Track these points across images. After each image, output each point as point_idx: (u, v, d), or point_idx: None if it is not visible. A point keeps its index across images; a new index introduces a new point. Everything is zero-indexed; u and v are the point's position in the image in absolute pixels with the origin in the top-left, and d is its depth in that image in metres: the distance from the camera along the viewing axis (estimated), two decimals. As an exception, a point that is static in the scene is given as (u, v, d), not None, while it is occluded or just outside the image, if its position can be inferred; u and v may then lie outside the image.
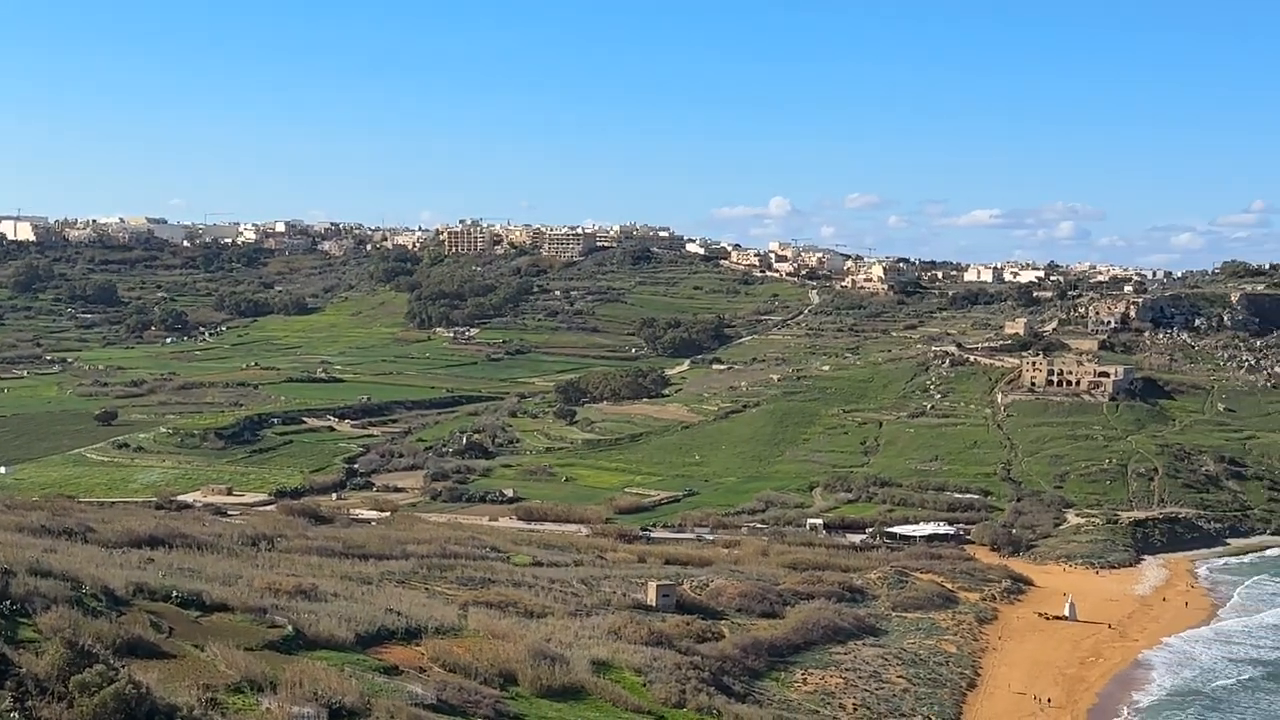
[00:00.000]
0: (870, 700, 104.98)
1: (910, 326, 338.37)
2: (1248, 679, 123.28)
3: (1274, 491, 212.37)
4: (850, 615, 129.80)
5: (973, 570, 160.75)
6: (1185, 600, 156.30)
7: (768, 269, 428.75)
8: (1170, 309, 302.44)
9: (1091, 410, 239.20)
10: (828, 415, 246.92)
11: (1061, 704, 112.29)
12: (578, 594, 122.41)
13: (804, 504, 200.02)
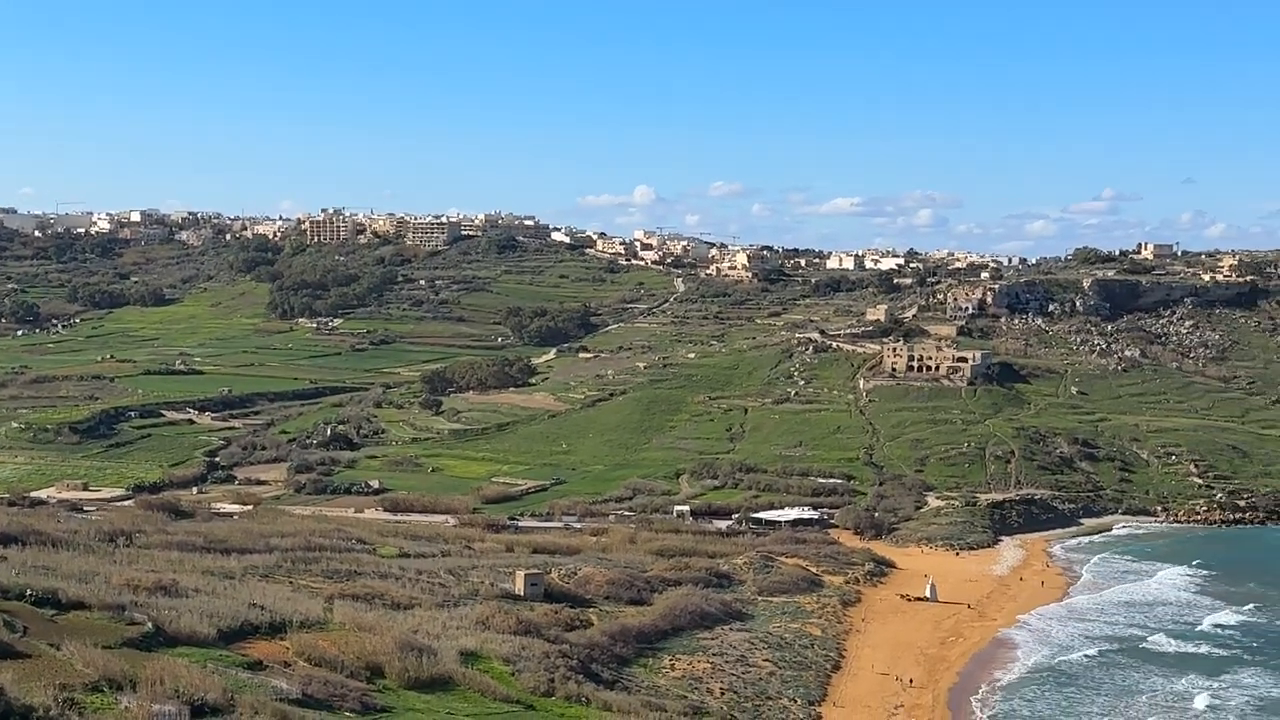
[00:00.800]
0: (737, 684, 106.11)
1: (774, 314, 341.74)
2: (1102, 654, 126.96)
3: (1125, 472, 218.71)
4: (717, 600, 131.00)
5: (837, 554, 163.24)
6: (1041, 579, 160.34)
7: (633, 257, 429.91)
8: (1025, 295, 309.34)
9: (950, 395, 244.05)
10: (694, 402, 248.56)
11: (923, 684, 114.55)
12: (445, 585, 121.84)
13: (671, 491, 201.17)
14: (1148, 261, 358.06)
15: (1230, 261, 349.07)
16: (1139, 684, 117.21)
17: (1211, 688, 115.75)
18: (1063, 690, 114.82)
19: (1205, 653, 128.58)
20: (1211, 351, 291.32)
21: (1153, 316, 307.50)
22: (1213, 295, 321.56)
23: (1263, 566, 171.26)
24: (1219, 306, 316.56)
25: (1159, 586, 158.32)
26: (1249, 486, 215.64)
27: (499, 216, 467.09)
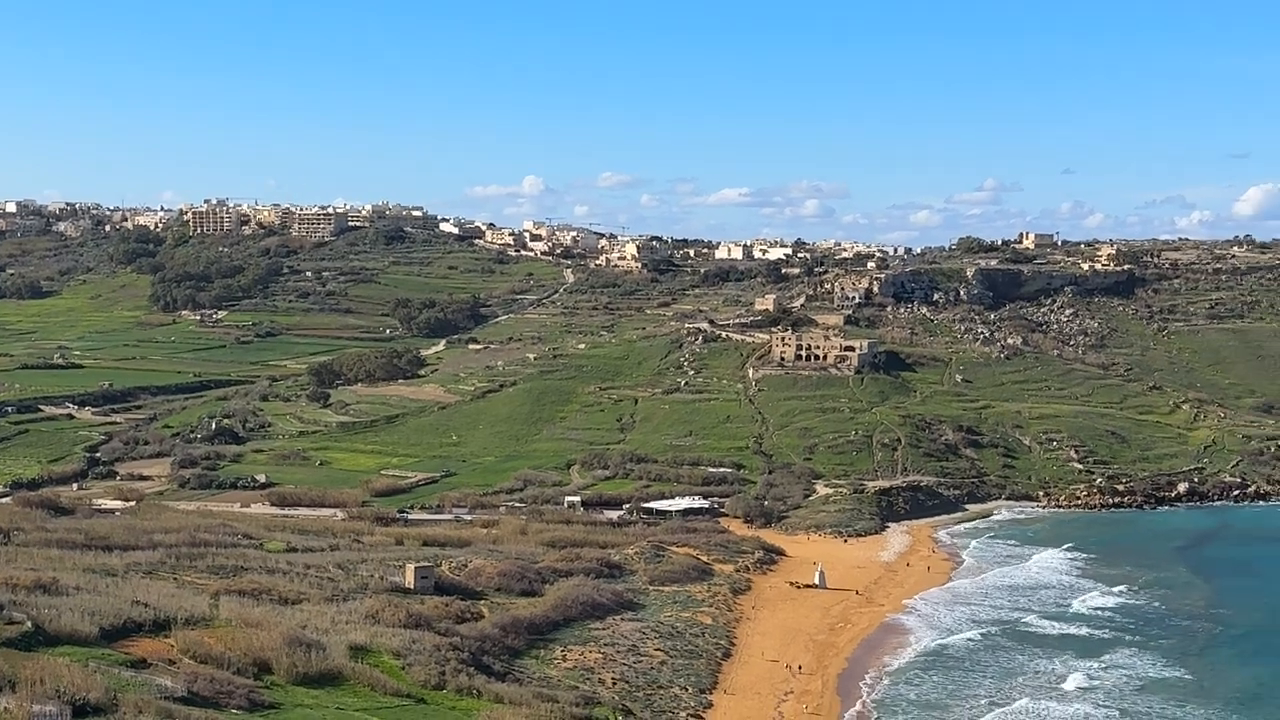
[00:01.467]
0: (629, 674, 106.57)
1: (664, 304, 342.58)
2: (987, 637, 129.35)
3: (1008, 458, 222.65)
4: (609, 591, 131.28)
5: (727, 542, 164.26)
6: (928, 565, 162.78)
7: (523, 248, 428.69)
8: (911, 284, 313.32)
9: (838, 383, 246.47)
10: (584, 393, 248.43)
11: (813, 670, 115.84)
12: (334, 579, 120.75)
13: (562, 482, 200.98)
14: (1029, 251, 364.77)
15: (1108, 251, 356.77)
16: (1022, 666, 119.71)
17: (1091, 669, 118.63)
18: (949, 674, 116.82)
19: (1086, 634, 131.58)
20: (1091, 339, 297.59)
21: (1034, 305, 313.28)
22: (1092, 284, 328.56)
23: (1140, 550, 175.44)
24: (1098, 295, 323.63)
25: (1041, 570, 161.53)
26: (1127, 471, 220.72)
27: (386, 207, 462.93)
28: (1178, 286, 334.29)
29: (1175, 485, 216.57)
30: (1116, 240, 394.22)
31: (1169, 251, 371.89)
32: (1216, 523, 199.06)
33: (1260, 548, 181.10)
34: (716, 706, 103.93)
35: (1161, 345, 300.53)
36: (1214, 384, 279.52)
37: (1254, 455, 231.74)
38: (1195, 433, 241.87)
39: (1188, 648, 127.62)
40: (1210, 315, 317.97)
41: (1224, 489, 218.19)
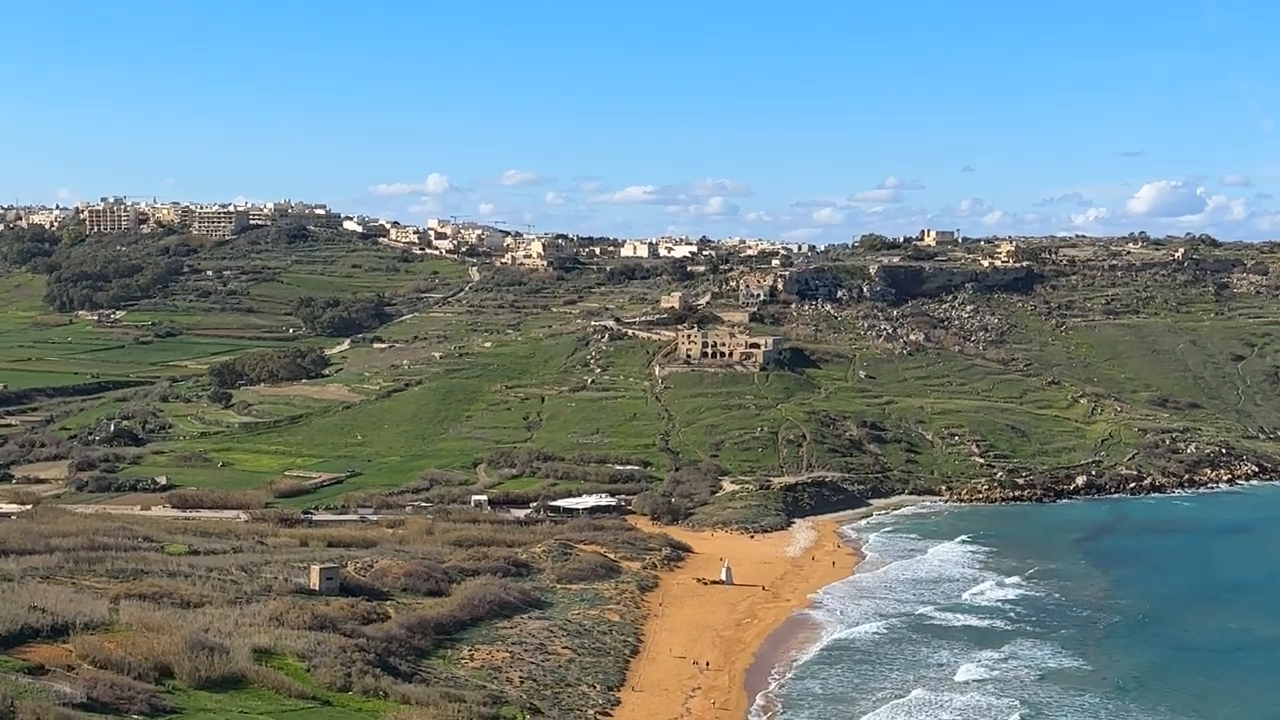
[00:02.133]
0: (537, 672, 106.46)
1: (570, 302, 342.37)
2: (891, 630, 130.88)
3: (911, 453, 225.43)
4: (516, 589, 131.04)
5: (634, 540, 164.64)
6: (833, 560, 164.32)
7: (427, 246, 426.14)
8: (815, 281, 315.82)
9: (744, 380, 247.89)
10: (490, 392, 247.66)
11: (720, 666, 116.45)
12: (237, 581, 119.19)
13: (468, 481, 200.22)
14: (930, 248, 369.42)
15: (1008, 248, 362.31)
16: (925, 658, 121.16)
17: (991, 659, 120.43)
18: (854, 666, 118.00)
19: (987, 626, 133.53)
20: (991, 335, 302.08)
21: (936, 301, 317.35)
22: (992, 280, 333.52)
23: (1040, 542, 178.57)
24: (998, 291, 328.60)
25: (943, 563, 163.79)
26: (1027, 465, 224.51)
27: (289, 205, 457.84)
28: (1075, 283, 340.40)
29: (1074, 478, 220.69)
30: (1016, 237, 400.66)
31: (1066, 248, 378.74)
32: (1113, 515, 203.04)
33: (1155, 539, 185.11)
34: (625, 704, 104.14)
35: (1060, 341, 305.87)
36: (1110, 378, 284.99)
37: (1149, 448, 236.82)
38: (1093, 427, 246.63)
39: (1086, 637, 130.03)
40: (1106, 311, 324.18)
41: (1120, 481, 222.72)
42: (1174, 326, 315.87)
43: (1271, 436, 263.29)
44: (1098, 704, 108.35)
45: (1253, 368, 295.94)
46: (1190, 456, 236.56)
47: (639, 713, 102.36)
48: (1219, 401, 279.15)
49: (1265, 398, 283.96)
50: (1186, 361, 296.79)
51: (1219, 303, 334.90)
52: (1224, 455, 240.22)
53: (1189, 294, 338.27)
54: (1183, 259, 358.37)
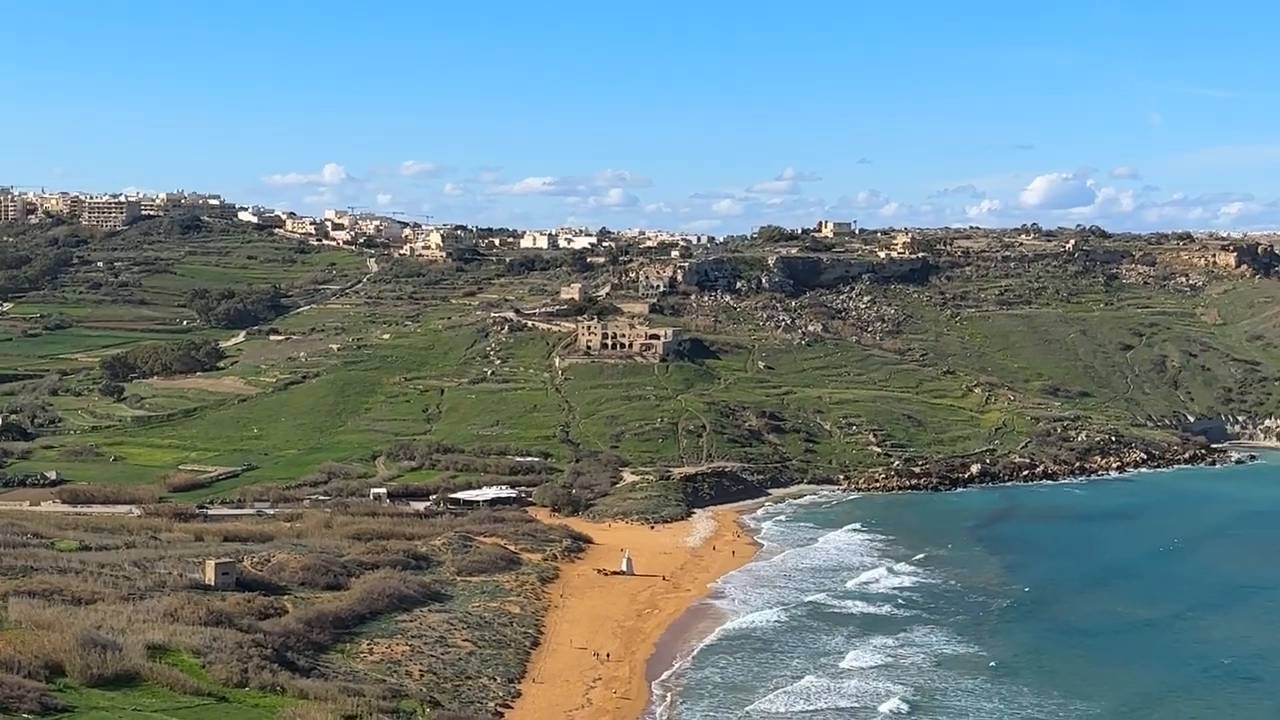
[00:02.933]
0: (437, 665, 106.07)
1: (469, 293, 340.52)
2: (790, 618, 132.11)
3: (810, 443, 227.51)
4: (416, 582, 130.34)
5: (535, 531, 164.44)
6: (732, 549, 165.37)
7: (324, 237, 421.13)
8: (714, 272, 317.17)
9: (644, 371, 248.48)
10: (389, 384, 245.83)
11: (621, 656, 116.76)
12: (130, 577, 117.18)
13: (367, 474, 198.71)
14: (828, 239, 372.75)
15: (904, 239, 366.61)
16: (824, 645, 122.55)
17: (888, 645, 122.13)
18: (753, 655, 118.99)
19: (885, 613, 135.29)
20: (888, 325, 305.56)
21: (833, 292, 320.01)
22: (888, 271, 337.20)
23: (936, 530, 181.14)
24: (894, 282, 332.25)
25: (841, 551, 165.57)
26: (923, 454, 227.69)
27: (182, 196, 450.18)
28: (969, 274, 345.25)
29: (968, 467, 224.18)
30: (911, 229, 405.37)
31: (961, 240, 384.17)
32: (1007, 502, 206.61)
33: (1047, 525, 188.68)
34: (525, 695, 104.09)
35: (954, 331, 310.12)
36: (1004, 368, 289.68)
37: (1041, 436, 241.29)
38: (987, 415, 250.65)
39: (980, 623, 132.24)
40: (1000, 301, 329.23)
41: (1014, 469, 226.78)
42: (1065, 317, 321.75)
43: (1159, 424, 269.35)
44: (990, 688, 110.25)
45: (1141, 357, 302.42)
46: (1081, 444, 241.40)
47: (540, 704, 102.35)
48: (1108, 390, 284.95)
49: (1153, 386, 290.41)
50: (1077, 351, 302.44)
51: (1108, 293, 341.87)
52: (1113, 443, 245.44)
53: (1079, 285, 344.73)
54: (1073, 250, 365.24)
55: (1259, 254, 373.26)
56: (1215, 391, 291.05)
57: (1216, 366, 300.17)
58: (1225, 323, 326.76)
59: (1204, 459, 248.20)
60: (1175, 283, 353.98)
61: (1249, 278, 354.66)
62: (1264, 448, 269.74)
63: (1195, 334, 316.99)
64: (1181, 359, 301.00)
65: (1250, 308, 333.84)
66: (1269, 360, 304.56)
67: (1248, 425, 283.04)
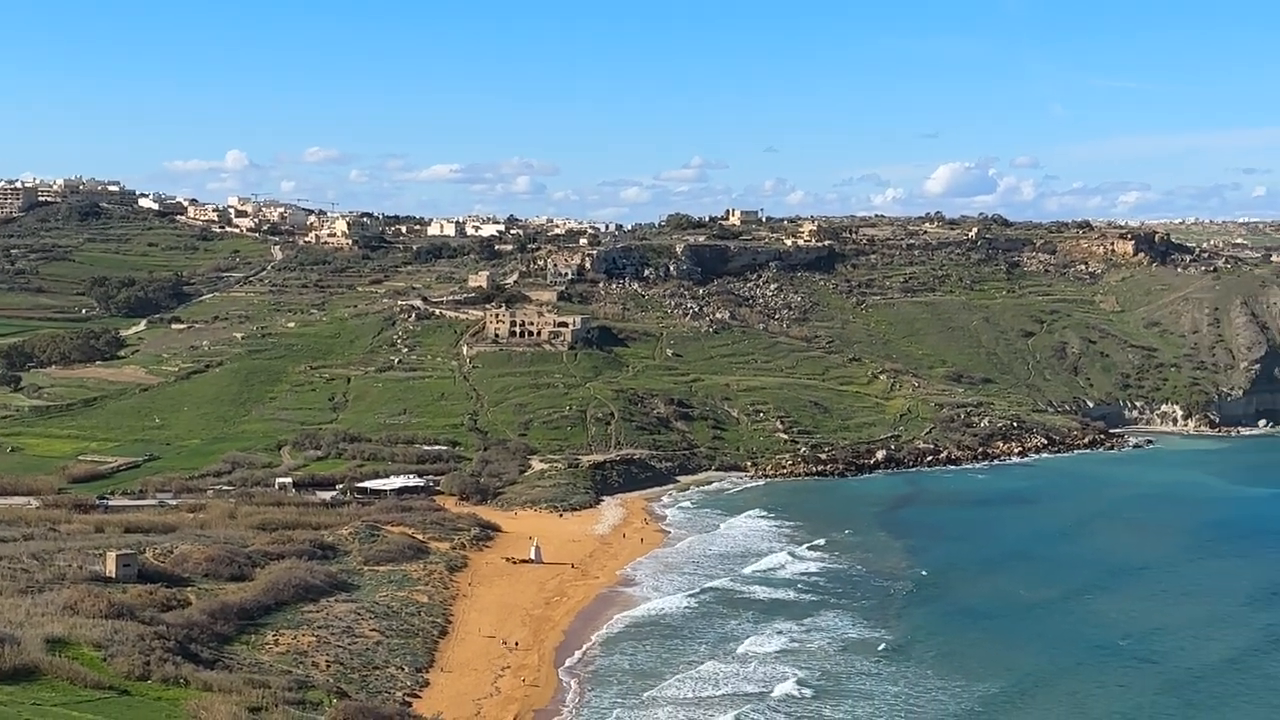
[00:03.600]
0: (344, 655, 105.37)
1: (376, 281, 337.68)
2: (698, 604, 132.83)
3: (718, 430, 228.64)
4: (322, 572, 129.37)
5: (443, 520, 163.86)
6: (641, 536, 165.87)
7: (228, 224, 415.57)
8: (622, 260, 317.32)
9: (552, 359, 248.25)
10: (295, 372, 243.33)
11: (529, 644, 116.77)
12: (28, 570, 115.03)
13: (272, 463, 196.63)
14: (735, 227, 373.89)
15: (810, 227, 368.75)
16: (732, 630, 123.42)
17: (794, 631, 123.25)
18: (662, 641, 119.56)
19: (792, 598, 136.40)
20: (794, 313, 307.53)
21: (741, 280, 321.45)
22: (795, 259, 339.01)
23: (842, 515, 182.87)
24: (801, 270, 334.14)
25: (749, 537, 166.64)
26: (829, 440, 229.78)
27: (80, 182, 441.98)
28: (875, 262, 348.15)
29: (874, 453, 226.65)
30: (818, 217, 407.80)
31: (866, 228, 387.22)
32: (911, 488, 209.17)
33: (951, 510, 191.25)
34: (434, 685, 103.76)
35: (860, 318, 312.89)
36: (908, 355, 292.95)
37: (945, 422, 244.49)
38: (892, 402, 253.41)
39: (886, 608, 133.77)
40: (905, 289, 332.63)
41: (918, 455, 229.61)
42: (968, 304, 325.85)
43: (1059, 410, 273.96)
44: (894, 671, 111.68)
45: (1042, 344, 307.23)
46: (984, 430, 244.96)
47: (448, 693, 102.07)
48: (1010, 376, 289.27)
49: (1053, 372, 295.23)
50: (980, 338, 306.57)
51: (1010, 281, 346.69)
52: (1015, 428, 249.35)
53: (982, 272, 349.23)
54: (976, 238, 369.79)
55: (1156, 242, 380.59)
56: (1114, 377, 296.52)
57: (1115, 353, 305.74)
58: (1123, 310, 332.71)
59: (1103, 444, 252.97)
60: (1075, 270, 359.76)
61: (1146, 265, 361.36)
62: (1160, 432, 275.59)
63: (1094, 321, 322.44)
64: (1081, 346, 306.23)
65: (1147, 295, 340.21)
66: (1165, 347, 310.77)
67: (1145, 411, 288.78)
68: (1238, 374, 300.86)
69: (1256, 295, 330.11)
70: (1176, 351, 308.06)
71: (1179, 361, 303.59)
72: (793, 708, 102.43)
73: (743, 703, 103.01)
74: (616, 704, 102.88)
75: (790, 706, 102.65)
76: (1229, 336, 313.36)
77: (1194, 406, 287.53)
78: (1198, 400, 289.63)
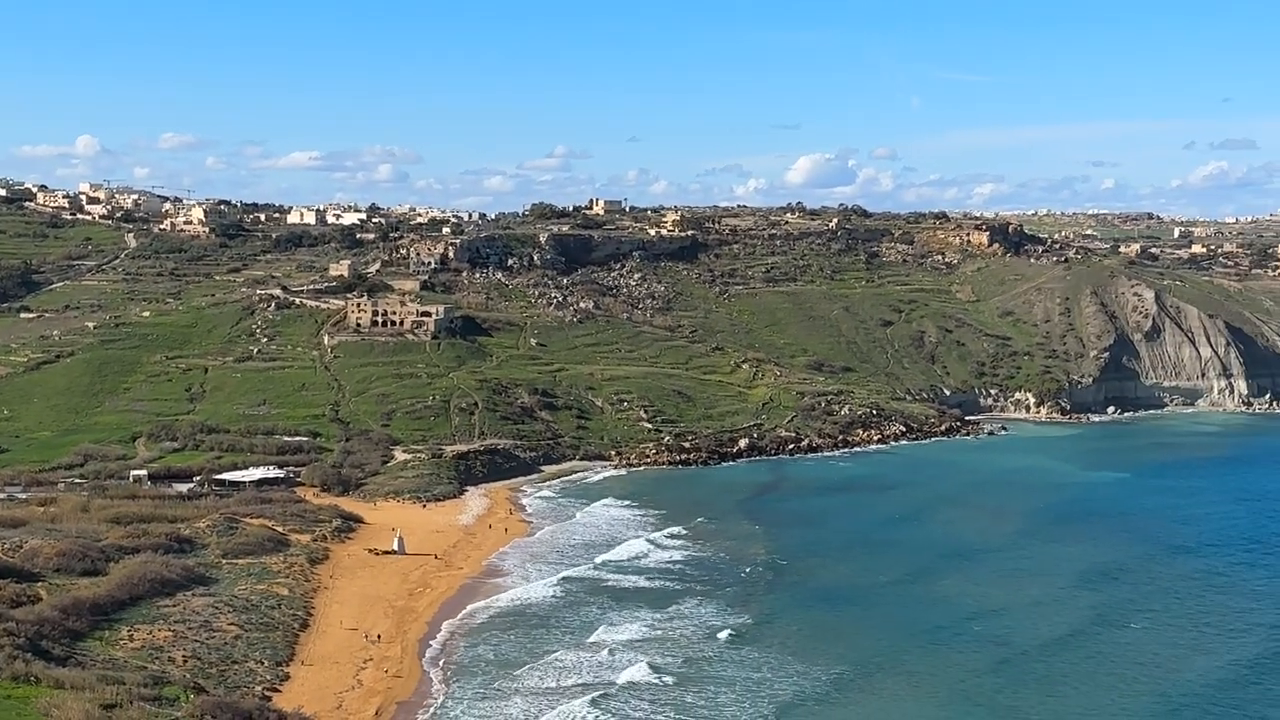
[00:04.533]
0: (201, 650, 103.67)
1: (234, 270, 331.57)
2: (563, 594, 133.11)
3: (582, 419, 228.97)
4: (179, 566, 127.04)
5: (304, 512, 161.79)
6: (505, 526, 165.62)
7: (79, 211, 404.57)
8: (486, 250, 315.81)
9: (415, 349, 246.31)
10: (150, 363, 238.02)
11: (392, 636, 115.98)
12: None
13: (127, 455, 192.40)
14: (599, 217, 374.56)
15: (674, 217, 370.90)
16: (596, 619, 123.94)
17: (656, 619, 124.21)
18: (527, 631, 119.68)
19: (657, 586, 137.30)
20: (658, 302, 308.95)
21: (604, 270, 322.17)
22: (658, 249, 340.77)
23: (705, 504, 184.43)
24: (664, 260, 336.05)
25: (613, 526, 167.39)
26: (693, 429, 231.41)
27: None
28: (737, 252, 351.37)
29: (737, 441, 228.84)
30: (681, 207, 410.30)
31: (729, 218, 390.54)
32: (774, 475, 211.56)
33: (812, 498, 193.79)
34: (294, 678, 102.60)
35: (723, 308, 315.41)
36: (771, 344, 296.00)
37: (806, 411, 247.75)
38: (754, 391, 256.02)
39: (749, 595, 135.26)
40: (767, 279, 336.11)
41: (781, 443, 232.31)
42: (829, 294, 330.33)
43: (917, 398, 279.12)
44: (759, 658, 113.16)
45: (900, 333, 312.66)
46: (844, 418, 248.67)
47: (309, 687, 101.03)
48: (870, 365, 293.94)
49: (911, 361, 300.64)
50: (840, 327, 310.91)
51: (870, 270, 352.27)
52: (875, 416, 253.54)
53: (842, 262, 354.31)
54: (836, 229, 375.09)
55: (1009, 233, 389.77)
56: (970, 366, 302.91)
57: (971, 342, 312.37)
58: (978, 299, 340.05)
59: (959, 431, 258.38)
60: (932, 261, 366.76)
61: (1000, 256, 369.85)
62: (1014, 419, 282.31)
63: (951, 310, 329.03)
64: (938, 334, 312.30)
65: (1002, 285, 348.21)
66: (1019, 335, 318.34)
67: (999, 398, 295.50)
68: (1088, 362, 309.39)
69: (1105, 285, 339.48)
70: (1029, 340, 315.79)
71: (1032, 350, 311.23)
72: (651, 694, 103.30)
73: (602, 690, 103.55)
74: (479, 693, 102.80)
75: (649, 693, 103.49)
76: (1079, 326, 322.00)
77: (1046, 394, 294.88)
78: (1050, 388, 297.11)
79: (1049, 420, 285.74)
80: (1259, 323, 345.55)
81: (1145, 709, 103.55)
